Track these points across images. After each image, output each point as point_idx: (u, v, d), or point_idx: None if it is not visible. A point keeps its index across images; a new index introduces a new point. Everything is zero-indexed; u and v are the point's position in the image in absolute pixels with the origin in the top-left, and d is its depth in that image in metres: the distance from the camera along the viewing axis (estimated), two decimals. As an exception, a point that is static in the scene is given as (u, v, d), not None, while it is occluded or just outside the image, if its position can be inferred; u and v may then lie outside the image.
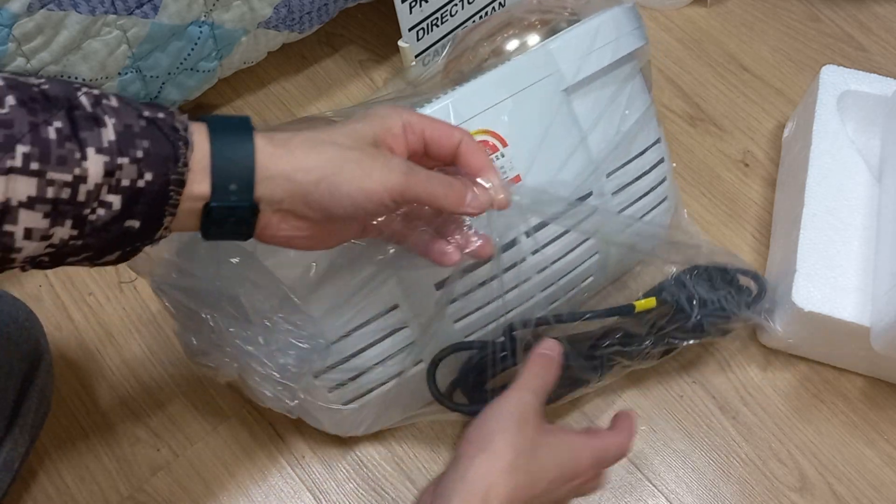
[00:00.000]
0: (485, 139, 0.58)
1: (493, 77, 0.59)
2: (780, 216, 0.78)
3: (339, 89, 0.90)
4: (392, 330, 0.60)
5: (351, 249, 0.54)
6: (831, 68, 0.76)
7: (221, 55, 0.77)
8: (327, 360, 0.58)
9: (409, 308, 0.59)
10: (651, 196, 0.68)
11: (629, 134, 0.65)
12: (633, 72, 0.65)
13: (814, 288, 0.66)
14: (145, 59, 0.71)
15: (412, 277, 0.58)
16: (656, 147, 0.68)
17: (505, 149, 0.59)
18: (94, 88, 0.40)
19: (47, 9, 0.62)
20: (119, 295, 0.77)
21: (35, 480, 0.67)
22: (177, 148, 0.40)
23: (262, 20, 0.76)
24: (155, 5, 0.67)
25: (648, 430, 0.69)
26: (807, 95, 0.79)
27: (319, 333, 0.57)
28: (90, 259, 0.41)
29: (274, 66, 0.90)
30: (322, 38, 0.93)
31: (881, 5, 0.96)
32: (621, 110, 0.65)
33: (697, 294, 0.65)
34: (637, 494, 0.67)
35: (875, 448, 0.69)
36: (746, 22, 0.95)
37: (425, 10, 0.81)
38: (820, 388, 0.71)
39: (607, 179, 0.65)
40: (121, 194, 0.39)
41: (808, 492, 0.67)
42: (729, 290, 0.67)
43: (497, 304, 0.61)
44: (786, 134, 0.83)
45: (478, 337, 0.63)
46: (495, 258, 0.55)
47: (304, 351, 0.57)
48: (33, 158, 0.36)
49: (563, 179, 0.61)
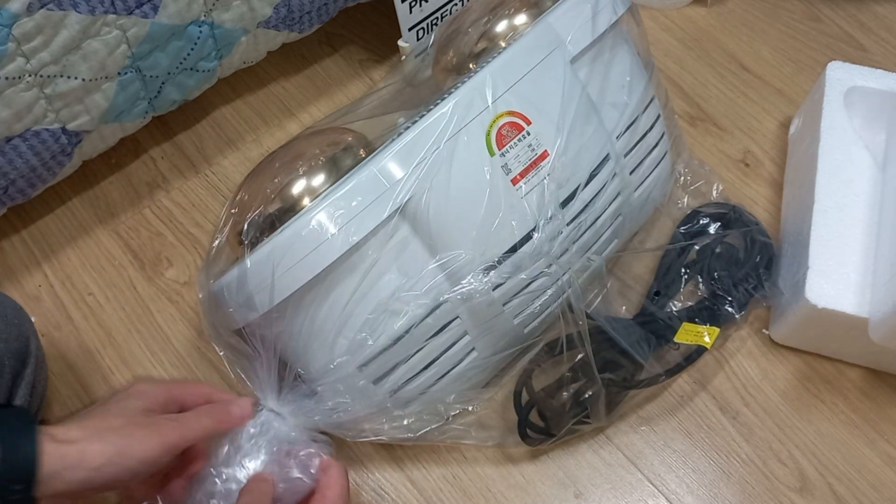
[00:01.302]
0: (511, 120, 0.59)
1: (503, 60, 0.60)
2: (788, 213, 0.78)
3: (338, 89, 0.90)
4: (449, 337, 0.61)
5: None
6: (837, 64, 0.76)
7: (221, 55, 0.77)
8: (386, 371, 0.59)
9: (468, 317, 0.60)
10: (655, 151, 0.70)
11: (631, 95, 0.67)
12: (620, 36, 0.67)
13: (826, 284, 0.66)
14: (145, 59, 0.71)
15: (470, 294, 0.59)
16: (654, 103, 0.70)
17: (529, 126, 0.60)
18: None
19: (47, 9, 0.62)
20: (119, 295, 0.77)
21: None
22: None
23: (261, 20, 0.76)
24: (155, 5, 0.67)
25: (648, 430, 0.69)
26: (813, 92, 0.80)
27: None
28: None
29: (274, 65, 0.90)
30: (322, 38, 0.93)
31: (881, 5, 0.96)
32: (621, 74, 0.66)
33: (713, 269, 0.69)
34: (637, 494, 0.67)
35: (875, 448, 0.69)
36: (746, 22, 0.95)
37: (425, 9, 0.81)
38: (820, 389, 0.71)
39: (618, 141, 0.66)
40: None
41: (808, 492, 0.67)
42: (744, 270, 0.70)
43: (548, 292, 0.63)
44: (792, 131, 0.83)
45: (532, 327, 0.64)
46: (537, 244, 0.59)
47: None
48: None
49: (587, 146, 0.63)
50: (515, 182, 0.59)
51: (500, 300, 0.61)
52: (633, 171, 0.68)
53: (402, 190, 0.56)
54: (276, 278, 0.54)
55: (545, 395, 0.65)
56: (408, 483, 0.67)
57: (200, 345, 0.74)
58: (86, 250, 0.79)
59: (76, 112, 0.70)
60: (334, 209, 0.54)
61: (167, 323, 0.75)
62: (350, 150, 0.60)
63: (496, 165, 0.59)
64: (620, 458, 0.68)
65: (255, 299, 0.55)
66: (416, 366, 0.60)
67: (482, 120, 0.58)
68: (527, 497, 0.66)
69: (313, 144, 0.60)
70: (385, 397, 0.60)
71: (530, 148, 0.60)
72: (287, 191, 0.57)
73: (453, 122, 0.57)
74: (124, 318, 0.75)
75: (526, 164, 0.60)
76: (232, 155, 0.85)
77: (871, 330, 0.64)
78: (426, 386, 0.61)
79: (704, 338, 0.67)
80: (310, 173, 0.58)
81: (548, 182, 0.60)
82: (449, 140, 0.57)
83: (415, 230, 0.57)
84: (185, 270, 0.78)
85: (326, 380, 0.58)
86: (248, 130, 0.87)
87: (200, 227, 0.81)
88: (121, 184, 0.83)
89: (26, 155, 0.69)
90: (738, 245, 0.73)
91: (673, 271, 0.72)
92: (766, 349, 0.73)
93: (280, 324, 0.58)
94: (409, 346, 0.59)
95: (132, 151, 0.85)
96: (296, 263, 0.54)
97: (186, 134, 0.87)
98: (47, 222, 0.81)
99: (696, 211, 0.75)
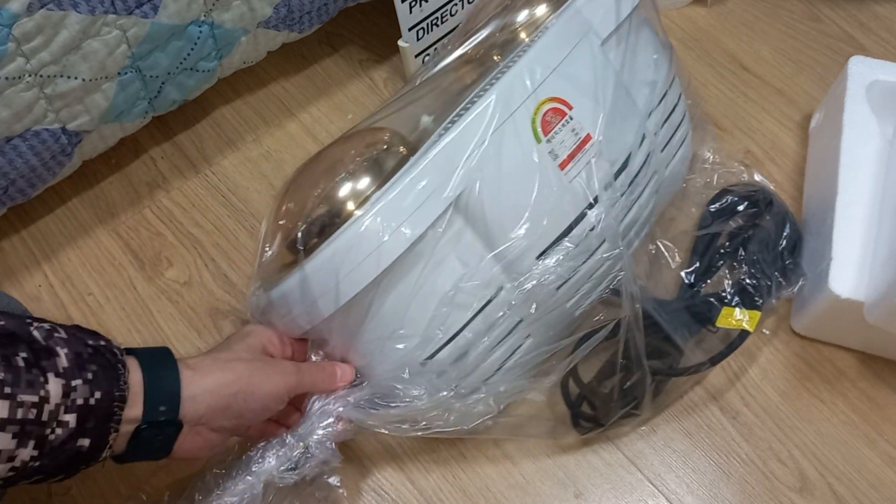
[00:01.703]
0: (554, 106, 0.60)
1: (539, 48, 0.61)
2: (810, 205, 0.78)
3: (338, 89, 0.90)
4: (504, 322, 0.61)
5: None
6: (859, 58, 0.77)
7: (221, 55, 0.77)
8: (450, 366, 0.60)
9: (524, 302, 0.61)
10: (680, 130, 0.72)
11: (658, 74, 0.68)
12: (641, 18, 0.68)
13: (849, 274, 0.66)
14: (145, 59, 0.71)
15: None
16: (675, 83, 0.71)
17: (571, 111, 0.61)
18: (45, 322, 0.47)
19: (47, 9, 0.62)
20: (119, 295, 0.77)
21: (35, 480, 0.67)
22: (118, 370, 0.48)
23: (261, 20, 0.76)
24: (155, 5, 0.67)
25: (648, 430, 0.69)
26: (834, 86, 0.80)
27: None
28: (39, 481, 0.47)
29: (274, 65, 0.90)
30: (322, 38, 0.93)
31: (881, 5, 0.96)
32: (647, 54, 0.68)
33: (750, 253, 0.70)
34: (637, 494, 0.67)
35: (875, 448, 0.69)
36: (746, 22, 0.95)
37: (425, 9, 0.81)
38: (820, 388, 0.71)
39: (649, 120, 0.67)
40: (75, 412, 0.45)
41: (808, 492, 0.67)
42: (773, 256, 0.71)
43: (599, 271, 0.64)
44: (813, 125, 0.84)
45: (584, 309, 0.65)
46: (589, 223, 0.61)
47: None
48: (6, 384, 0.42)
49: (624, 126, 0.64)
50: (563, 166, 0.60)
51: (555, 283, 0.61)
52: (663, 149, 0.70)
53: (455, 184, 0.56)
54: (339, 280, 0.55)
55: (595, 384, 0.65)
56: (408, 483, 0.67)
57: (201, 345, 0.74)
58: (86, 250, 0.79)
59: (76, 112, 0.70)
60: (390, 209, 0.55)
61: (167, 323, 0.75)
62: (391, 150, 0.60)
63: (543, 152, 0.60)
64: (620, 458, 0.68)
65: (320, 303, 0.56)
66: (476, 356, 0.61)
67: (527, 108, 0.59)
68: (527, 497, 0.66)
69: (351, 147, 0.61)
70: (446, 390, 0.60)
71: (574, 132, 0.61)
72: (336, 195, 0.57)
73: (498, 113, 0.58)
74: (124, 318, 0.75)
75: (571, 148, 0.61)
76: (232, 155, 0.85)
77: (867, 312, 0.65)
78: (485, 377, 0.62)
79: (745, 322, 0.67)
80: (356, 176, 0.58)
81: (595, 163, 0.61)
82: (495, 131, 0.58)
83: (469, 221, 0.58)
84: (185, 270, 0.78)
85: (391, 376, 0.59)
86: (248, 130, 0.87)
87: (200, 227, 0.81)
88: (121, 184, 0.83)
89: (26, 155, 0.69)
90: (769, 227, 0.73)
91: (709, 253, 0.72)
92: (766, 349, 0.73)
93: (341, 325, 0.58)
94: (470, 336, 0.60)
95: (132, 151, 0.85)
96: (358, 265, 0.55)
97: (186, 134, 0.87)
98: (47, 222, 0.81)
99: (726, 190, 0.76)
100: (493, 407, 0.63)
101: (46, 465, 0.45)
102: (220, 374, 0.53)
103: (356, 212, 0.56)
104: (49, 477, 0.47)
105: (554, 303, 0.62)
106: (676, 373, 0.66)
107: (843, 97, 0.75)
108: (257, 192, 0.83)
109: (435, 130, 0.58)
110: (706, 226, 0.74)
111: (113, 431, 0.47)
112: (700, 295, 0.70)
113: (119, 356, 0.48)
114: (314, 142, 0.86)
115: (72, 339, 0.47)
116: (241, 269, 0.78)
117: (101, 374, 0.46)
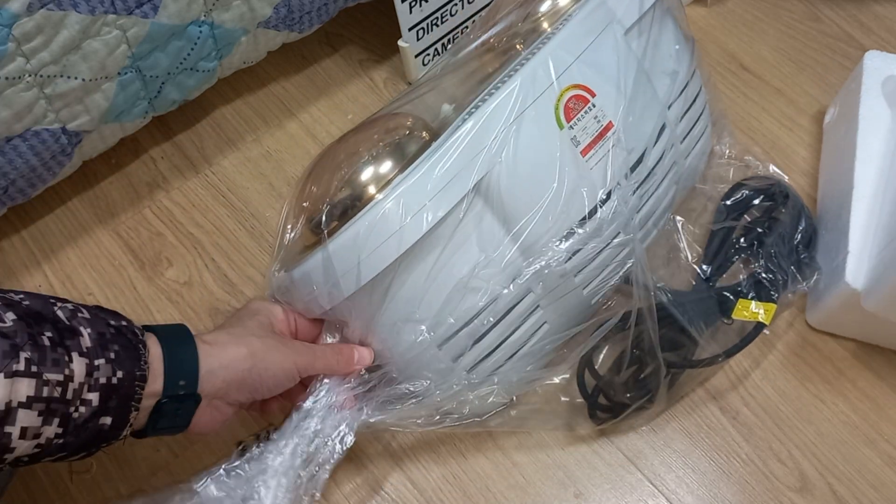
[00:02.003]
0: (577, 93, 0.61)
1: (564, 35, 0.61)
2: (825, 200, 0.79)
3: (338, 89, 0.90)
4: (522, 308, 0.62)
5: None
6: (875, 53, 0.78)
7: (221, 55, 0.77)
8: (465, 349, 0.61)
9: (541, 288, 0.61)
10: (700, 122, 0.72)
11: (679, 65, 0.69)
12: (664, 9, 0.68)
13: (866, 267, 0.67)
14: (145, 59, 0.71)
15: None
16: (696, 75, 0.71)
17: (594, 99, 0.61)
18: (68, 303, 0.48)
19: (47, 9, 0.62)
20: (119, 295, 0.77)
21: (35, 480, 0.67)
22: (139, 350, 0.49)
23: (261, 20, 0.76)
24: (155, 5, 0.67)
25: (648, 430, 0.69)
26: (849, 81, 0.81)
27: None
28: (62, 458, 0.47)
29: (274, 65, 0.90)
30: (322, 38, 0.93)
31: (881, 5, 0.96)
32: (669, 45, 0.68)
33: (767, 246, 0.70)
34: (637, 494, 0.67)
35: (875, 448, 0.69)
36: (746, 22, 0.95)
37: (425, 9, 0.81)
38: (820, 389, 0.71)
39: (670, 111, 0.67)
40: (98, 391, 0.46)
41: (808, 492, 0.67)
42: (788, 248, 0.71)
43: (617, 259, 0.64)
44: (827, 120, 0.85)
45: (599, 297, 0.66)
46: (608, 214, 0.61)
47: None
48: (33, 362, 0.43)
49: (646, 115, 0.64)
50: (585, 153, 0.61)
51: (573, 270, 0.62)
52: (682, 140, 0.70)
53: (477, 169, 0.57)
54: (361, 261, 0.56)
55: (610, 376, 0.66)
56: (408, 483, 0.67)
57: (200, 345, 0.74)
58: (86, 250, 0.79)
59: (76, 112, 0.70)
60: (412, 192, 0.56)
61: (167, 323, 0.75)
62: (414, 134, 0.60)
63: (566, 138, 0.60)
64: (620, 458, 0.68)
65: (341, 282, 0.57)
66: (493, 342, 0.61)
67: (550, 94, 0.60)
68: (527, 497, 0.66)
69: (374, 132, 0.61)
70: (462, 376, 0.61)
71: (596, 120, 0.61)
72: (359, 178, 0.58)
73: (521, 98, 0.58)
74: (124, 318, 0.75)
75: (593, 136, 0.61)
76: (232, 155, 0.85)
77: (864, 299, 0.65)
78: (501, 362, 0.63)
79: (760, 315, 0.67)
80: (378, 160, 0.58)
81: (616, 151, 0.62)
82: (518, 117, 0.58)
83: (489, 206, 0.59)
84: (185, 270, 0.78)
85: (407, 358, 0.60)
86: (248, 130, 0.87)
87: (200, 227, 0.81)
88: (121, 184, 0.83)
89: (26, 155, 0.69)
90: (785, 220, 0.73)
91: (725, 247, 0.72)
92: (765, 349, 0.73)
93: (361, 306, 0.59)
94: (487, 321, 0.60)
95: (132, 151, 0.85)
96: (379, 246, 0.55)
97: (186, 134, 0.87)
98: (47, 222, 0.81)
99: (740, 183, 0.76)
100: (506, 398, 0.64)
101: (70, 443, 0.46)
102: (235, 349, 0.54)
103: (378, 195, 0.56)
104: (72, 455, 0.47)
105: (571, 289, 0.63)
106: (691, 364, 0.66)
107: (859, 92, 0.76)
108: (257, 192, 0.83)
109: (457, 117, 0.59)
110: (722, 220, 0.74)
111: (133, 410, 0.48)
112: (716, 287, 0.70)
113: (140, 336, 0.50)
114: (314, 142, 0.86)
115: (94, 319, 0.48)
116: (241, 269, 0.78)
117: (124, 353, 0.48)
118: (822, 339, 0.73)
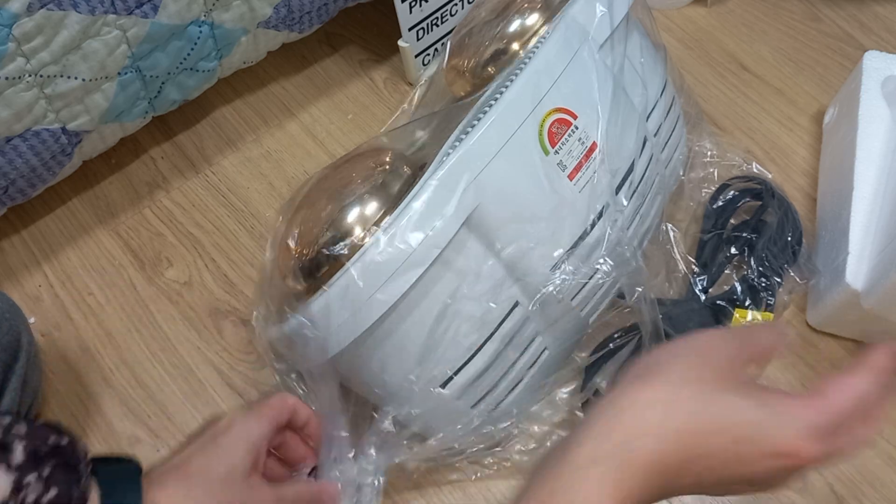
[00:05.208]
0: (559, 117, 0.59)
1: (541, 59, 0.59)
2: (825, 200, 0.79)
3: (339, 89, 0.90)
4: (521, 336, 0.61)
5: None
6: (874, 53, 0.78)
7: (221, 55, 0.77)
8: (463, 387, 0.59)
9: (539, 316, 0.61)
10: (676, 129, 0.72)
11: (653, 77, 0.68)
12: (632, 21, 0.67)
13: (866, 268, 0.67)
14: (145, 59, 0.71)
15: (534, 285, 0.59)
16: (668, 83, 0.71)
17: (577, 121, 0.60)
18: (5, 417, 0.44)
19: (47, 9, 0.62)
20: (119, 295, 0.77)
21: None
22: (80, 472, 0.44)
23: (261, 20, 0.76)
24: (155, 5, 0.67)
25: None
26: (848, 82, 0.81)
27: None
28: None
29: (274, 65, 0.90)
30: (322, 38, 0.93)
31: (881, 5, 0.96)
32: (639, 57, 0.68)
33: (758, 249, 0.70)
34: (637, 494, 0.67)
35: (875, 448, 0.69)
36: (746, 22, 0.95)
37: (425, 9, 0.81)
38: (820, 389, 0.71)
39: (647, 122, 0.67)
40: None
41: (808, 492, 0.67)
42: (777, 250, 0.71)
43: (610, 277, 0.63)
44: (826, 120, 0.84)
45: (596, 317, 0.65)
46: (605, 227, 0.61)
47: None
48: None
49: (627, 132, 0.64)
50: (572, 177, 0.60)
51: (569, 295, 0.61)
52: (662, 150, 0.70)
53: (465, 204, 0.54)
54: (355, 311, 0.53)
55: None
56: (408, 483, 0.67)
57: (201, 345, 0.74)
58: (86, 250, 0.79)
59: (76, 112, 0.70)
60: (400, 233, 0.53)
61: (167, 323, 0.75)
62: (395, 171, 0.59)
63: (552, 163, 0.59)
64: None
65: (336, 333, 0.54)
66: (496, 375, 0.60)
67: (533, 120, 0.58)
68: None
69: (354, 170, 0.59)
70: (467, 414, 0.60)
71: (580, 142, 0.60)
72: (344, 221, 0.56)
73: (504, 128, 0.56)
74: (124, 318, 0.75)
75: (579, 158, 0.60)
76: (232, 155, 0.85)
77: (863, 298, 0.65)
78: (502, 396, 0.62)
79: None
80: (363, 201, 0.56)
81: (602, 171, 0.61)
82: (503, 147, 0.56)
83: (480, 240, 0.57)
84: (185, 270, 0.78)
85: (405, 399, 0.59)
86: (248, 130, 0.87)
87: (200, 227, 0.81)
88: (121, 184, 0.83)
89: (26, 155, 0.69)
90: (774, 220, 0.73)
91: (716, 255, 0.72)
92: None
93: (359, 356, 0.57)
94: (489, 355, 0.59)
95: (132, 151, 0.85)
96: (372, 293, 0.53)
97: (186, 134, 0.87)
98: (47, 222, 0.81)
99: (725, 184, 0.76)
100: (495, 437, 0.64)
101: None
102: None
103: (366, 239, 0.54)
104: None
105: (569, 312, 0.62)
106: None
107: (859, 92, 0.76)
108: (257, 192, 0.83)
109: (429, 144, 0.57)
110: (710, 224, 0.74)
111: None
112: (709, 296, 0.70)
113: (81, 464, 0.45)
114: (314, 142, 0.86)
115: (31, 434, 0.44)
116: (242, 269, 0.78)
117: (60, 471, 0.43)
118: (822, 339, 0.73)
